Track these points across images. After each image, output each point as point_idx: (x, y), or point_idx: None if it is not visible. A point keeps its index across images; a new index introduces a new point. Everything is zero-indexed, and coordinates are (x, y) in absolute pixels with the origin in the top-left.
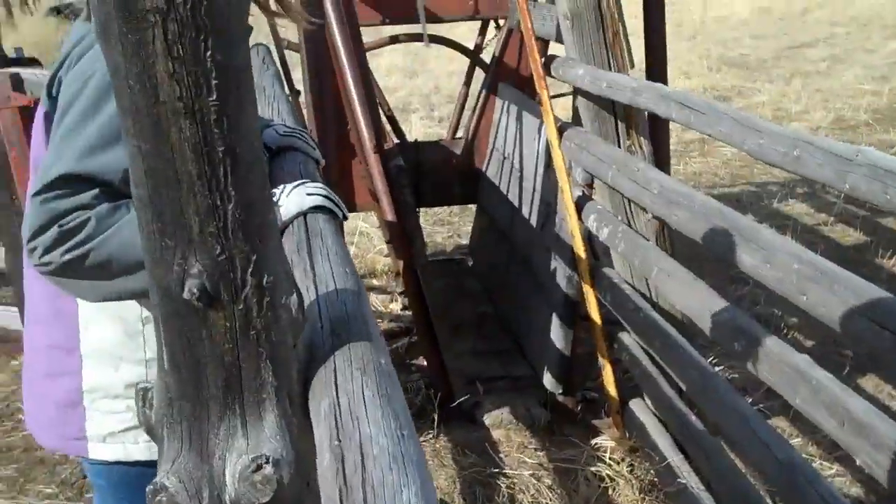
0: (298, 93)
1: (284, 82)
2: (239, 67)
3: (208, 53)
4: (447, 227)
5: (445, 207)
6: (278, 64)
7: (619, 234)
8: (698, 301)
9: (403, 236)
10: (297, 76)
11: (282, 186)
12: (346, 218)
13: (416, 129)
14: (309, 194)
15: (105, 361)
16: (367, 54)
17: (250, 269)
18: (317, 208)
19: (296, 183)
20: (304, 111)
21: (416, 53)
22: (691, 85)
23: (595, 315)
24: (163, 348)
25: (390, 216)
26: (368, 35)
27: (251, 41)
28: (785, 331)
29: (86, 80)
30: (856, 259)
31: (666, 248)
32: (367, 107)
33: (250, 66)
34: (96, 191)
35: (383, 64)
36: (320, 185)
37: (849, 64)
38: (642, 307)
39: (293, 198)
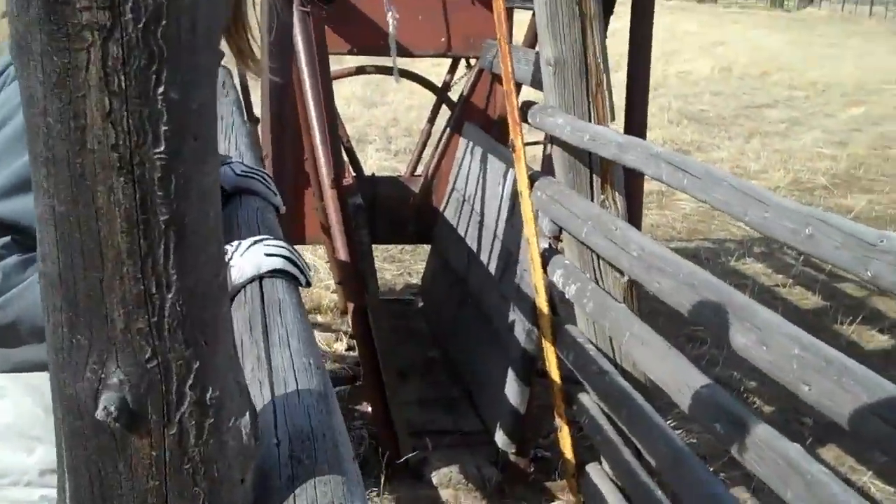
0: (257, 121)
1: (244, 109)
2: (200, 111)
3: (160, 90)
4: (397, 264)
5: (397, 245)
6: (239, 89)
7: (587, 293)
8: (674, 373)
9: (356, 279)
10: (256, 98)
11: (236, 243)
12: (309, 284)
13: (372, 162)
14: (269, 254)
15: (16, 442)
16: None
17: (190, 381)
18: (276, 272)
19: (253, 239)
20: (261, 135)
21: (377, 84)
22: (651, 136)
23: (555, 374)
24: (64, 477)
25: (343, 255)
26: (334, 63)
27: None
28: (745, 395)
29: (18, 105)
30: (815, 324)
31: (633, 308)
32: (327, 139)
33: (215, 111)
34: (8, 238)
35: (343, 92)
36: (281, 242)
37: (808, 127)
38: (608, 370)
39: (249, 257)
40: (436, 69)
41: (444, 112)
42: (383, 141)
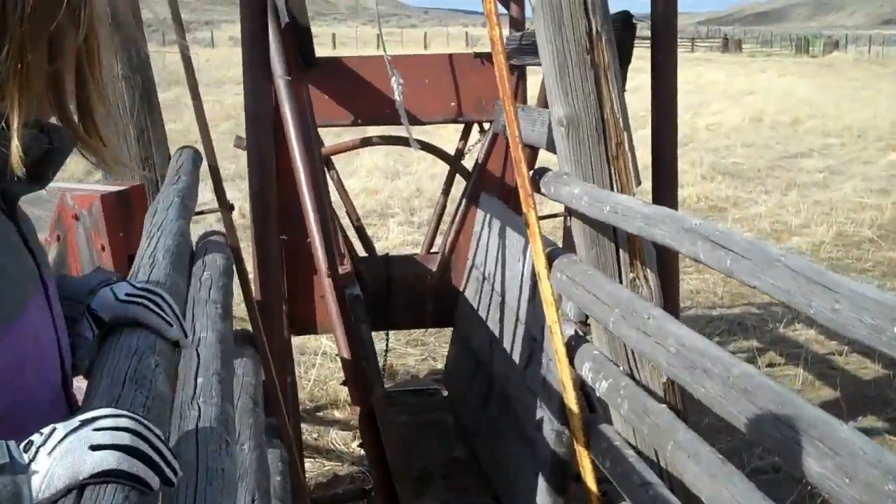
0: (232, 207)
1: (194, 198)
2: None
3: None
4: (421, 348)
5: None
6: (207, 167)
7: (621, 391)
8: (729, 496)
9: (360, 380)
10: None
11: (49, 429)
12: (172, 484)
13: (394, 236)
14: (96, 446)
15: None
16: (343, 155)
17: None
18: (107, 475)
19: (79, 419)
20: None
21: (399, 154)
22: (684, 194)
23: (591, 482)
24: None
25: (345, 353)
26: (330, 135)
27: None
28: None
29: None
30: (875, 395)
31: (677, 407)
32: (320, 224)
33: None
34: None
35: (364, 165)
36: (128, 417)
37: (847, 176)
38: (651, 482)
39: (63, 455)
40: (456, 135)
41: (460, 182)
42: (406, 213)
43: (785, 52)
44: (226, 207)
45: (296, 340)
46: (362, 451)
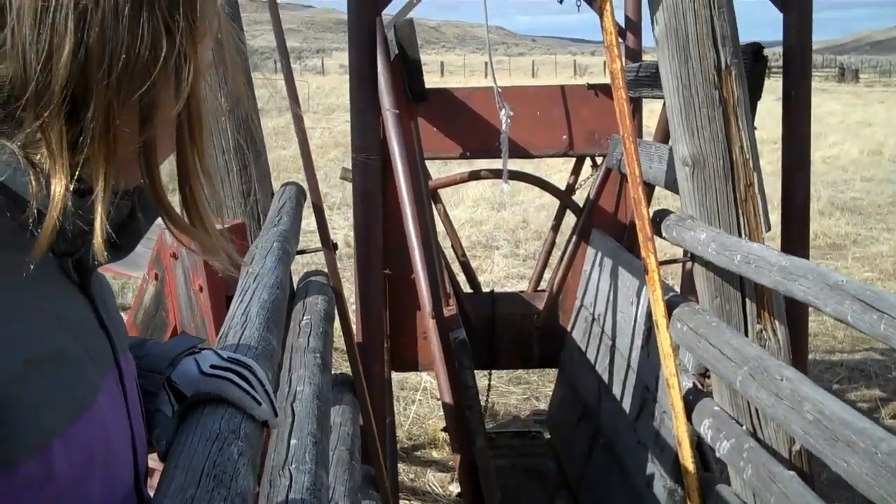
0: (335, 247)
1: (296, 237)
2: None
3: None
4: (523, 386)
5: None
6: (310, 202)
7: (744, 453)
8: None
9: (461, 428)
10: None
11: None
12: None
13: (499, 268)
14: None
15: None
16: (452, 189)
17: None
18: None
19: None
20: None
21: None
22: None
23: None
24: None
25: (447, 398)
26: (436, 166)
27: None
28: None
29: None
30: None
31: (804, 471)
32: (425, 262)
33: None
34: None
35: (470, 195)
36: None
37: None
38: None
39: None
40: (567, 167)
41: (571, 217)
42: (511, 245)
43: None
44: (329, 248)
45: (396, 376)
46: (458, 495)
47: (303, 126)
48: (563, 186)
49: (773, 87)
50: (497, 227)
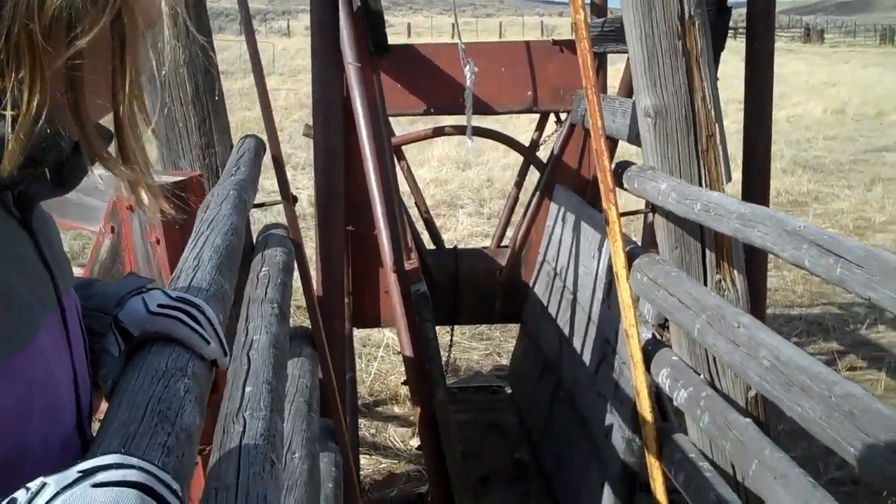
0: (295, 199)
1: (254, 191)
2: None
3: None
4: (486, 342)
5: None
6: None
7: (701, 402)
8: None
9: (422, 381)
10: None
11: (39, 482)
12: None
13: (463, 227)
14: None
15: None
16: (415, 144)
17: None
18: None
19: (72, 472)
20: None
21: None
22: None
23: (661, 495)
24: None
25: (408, 351)
26: (401, 125)
27: None
28: None
29: None
30: None
31: (760, 420)
32: (387, 217)
33: None
34: None
35: (436, 154)
36: (147, 469)
37: None
38: (728, 500)
39: None
40: (531, 126)
41: (535, 174)
42: (475, 204)
43: (868, 42)
44: (288, 199)
45: (358, 332)
46: (419, 449)
47: (260, 68)
48: (527, 144)
49: (740, 48)
50: (462, 186)
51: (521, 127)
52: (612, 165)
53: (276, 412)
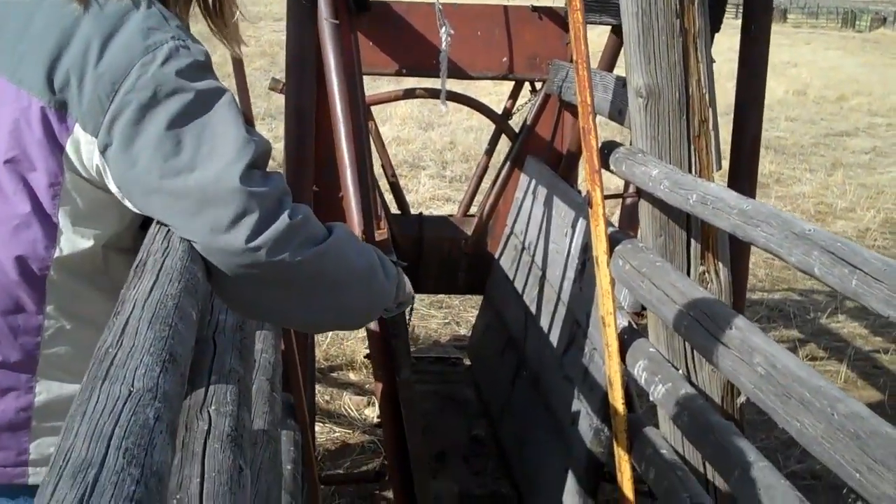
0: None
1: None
2: None
3: None
4: (445, 311)
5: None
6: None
7: (679, 400)
8: None
9: (386, 357)
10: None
11: None
12: None
13: (425, 189)
14: None
15: (66, 377)
16: (380, 106)
17: None
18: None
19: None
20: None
21: (434, 104)
22: (725, 167)
23: (627, 490)
24: None
25: (372, 325)
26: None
27: None
28: None
29: (155, 74)
30: None
31: (735, 417)
32: (357, 182)
33: None
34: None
35: (399, 112)
36: None
37: (894, 159)
38: (702, 502)
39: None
40: (498, 89)
41: (505, 142)
42: (438, 167)
43: (831, 24)
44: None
45: None
46: (376, 419)
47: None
48: (496, 109)
49: (737, 25)
50: (424, 146)
51: (484, 88)
52: (598, 145)
53: (245, 407)
